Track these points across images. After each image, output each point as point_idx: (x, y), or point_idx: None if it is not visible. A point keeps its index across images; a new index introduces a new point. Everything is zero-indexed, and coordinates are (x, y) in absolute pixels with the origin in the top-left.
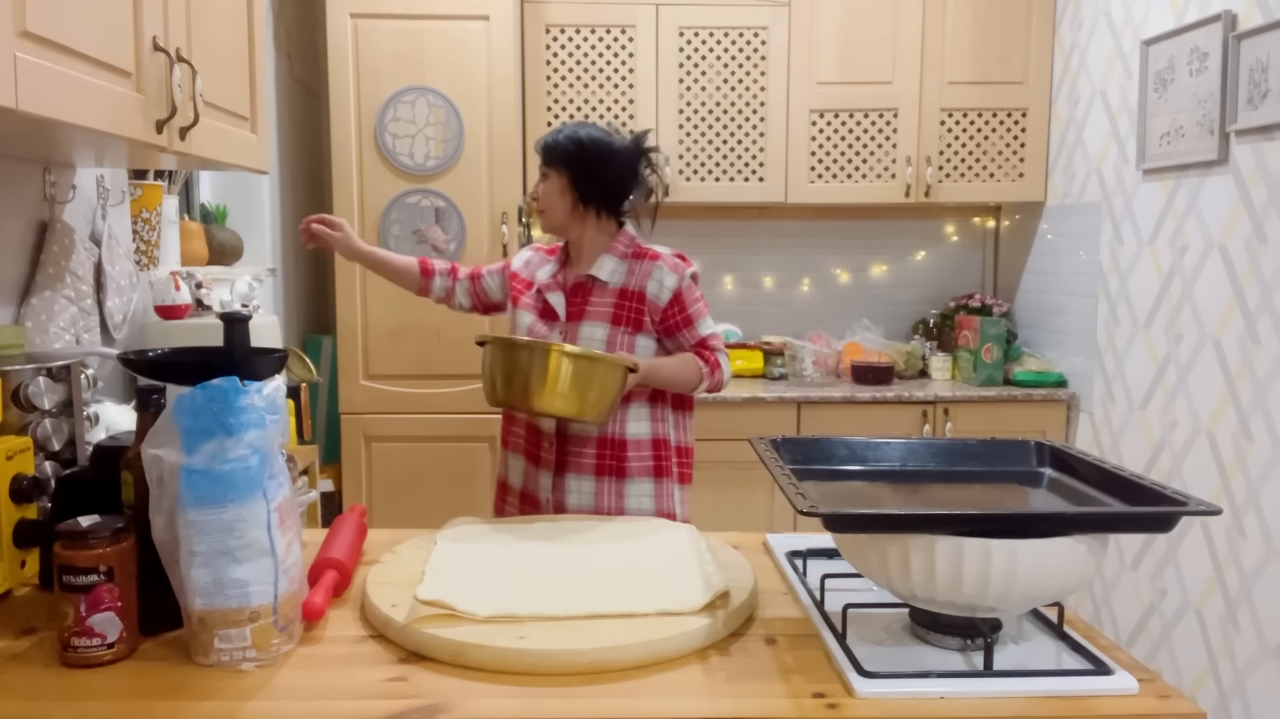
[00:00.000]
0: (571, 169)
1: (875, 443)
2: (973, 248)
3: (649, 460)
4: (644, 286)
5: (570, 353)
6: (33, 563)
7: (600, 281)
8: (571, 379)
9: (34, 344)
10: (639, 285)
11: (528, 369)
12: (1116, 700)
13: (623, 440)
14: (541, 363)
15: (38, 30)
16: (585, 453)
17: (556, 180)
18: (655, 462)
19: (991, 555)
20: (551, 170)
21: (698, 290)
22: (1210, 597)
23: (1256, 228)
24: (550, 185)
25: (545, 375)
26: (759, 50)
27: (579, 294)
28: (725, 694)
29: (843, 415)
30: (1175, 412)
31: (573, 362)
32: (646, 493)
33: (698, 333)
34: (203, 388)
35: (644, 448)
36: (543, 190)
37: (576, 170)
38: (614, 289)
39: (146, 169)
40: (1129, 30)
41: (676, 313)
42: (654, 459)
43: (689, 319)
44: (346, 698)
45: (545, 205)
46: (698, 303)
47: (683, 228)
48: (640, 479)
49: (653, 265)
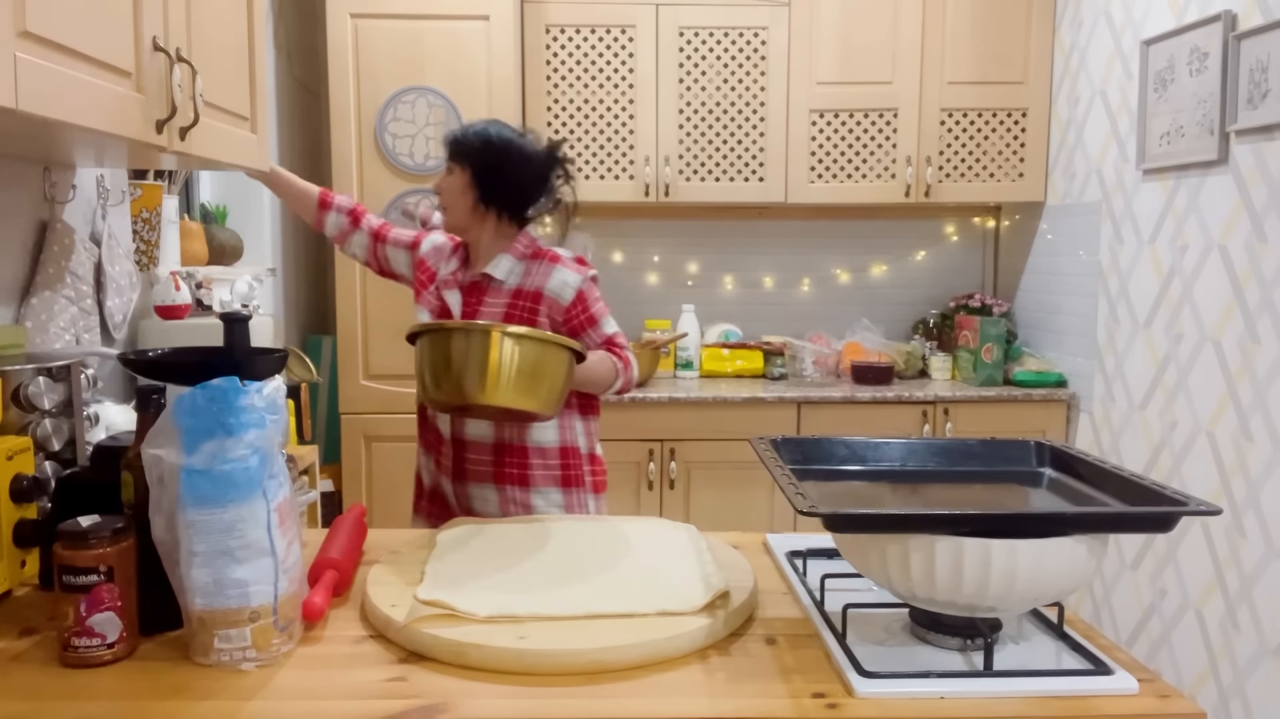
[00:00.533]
0: (475, 166)
1: (875, 443)
2: (973, 248)
3: (557, 469)
4: (542, 286)
5: (515, 334)
6: (33, 563)
7: (496, 281)
8: (518, 365)
9: (34, 344)
10: (536, 285)
11: (465, 357)
12: (1116, 700)
13: (524, 448)
14: (482, 348)
15: (38, 30)
16: (483, 460)
17: (460, 176)
18: (564, 470)
19: (991, 555)
20: (456, 165)
21: (598, 291)
22: (1210, 597)
23: (1256, 228)
24: (454, 180)
25: (486, 363)
26: (759, 50)
27: (474, 293)
28: (725, 694)
29: (843, 415)
30: (1175, 412)
31: (518, 343)
32: (556, 503)
33: (603, 331)
34: (203, 388)
35: (551, 456)
36: (445, 185)
37: (480, 168)
38: (509, 289)
39: (146, 169)
40: (1129, 30)
41: (580, 312)
42: (563, 468)
43: (593, 318)
44: (346, 698)
45: (447, 201)
46: (599, 302)
47: (683, 228)
48: (548, 489)
49: (552, 266)
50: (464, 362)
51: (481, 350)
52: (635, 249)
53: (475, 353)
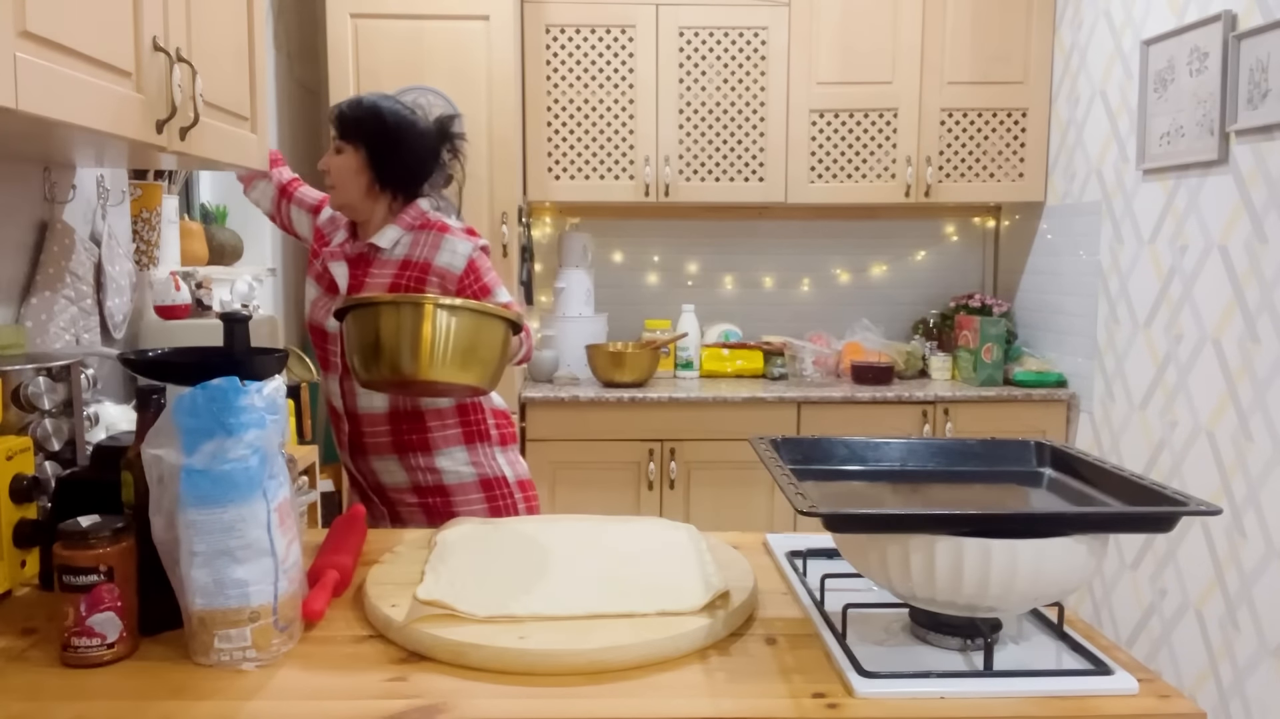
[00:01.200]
0: (371, 146)
1: (875, 443)
2: (973, 248)
3: (456, 428)
4: (430, 258)
5: (449, 305)
6: (33, 563)
7: (382, 251)
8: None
9: (34, 344)
10: (424, 256)
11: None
12: (1116, 700)
13: (419, 412)
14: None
15: (38, 30)
16: (379, 430)
17: (352, 156)
18: (465, 428)
19: (991, 555)
20: (347, 144)
21: (489, 261)
22: (1210, 597)
23: (1256, 228)
24: (345, 160)
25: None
26: (759, 50)
27: (360, 265)
28: (725, 694)
29: (843, 415)
30: (1175, 412)
31: (453, 315)
32: (463, 462)
33: (499, 300)
34: (203, 388)
35: (449, 416)
36: (335, 164)
37: (376, 149)
38: (396, 260)
39: (146, 169)
40: (1129, 30)
41: (473, 281)
42: (462, 425)
43: (486, 288)
44: (346, 698)
45: (337, 181)
46: (491, 272)
47: (683, 228)
48: (451, 449)
49: (441, 236)
50: (396, 337)
51: (414, 324)
52: (635, 249)
53: (407, 327)
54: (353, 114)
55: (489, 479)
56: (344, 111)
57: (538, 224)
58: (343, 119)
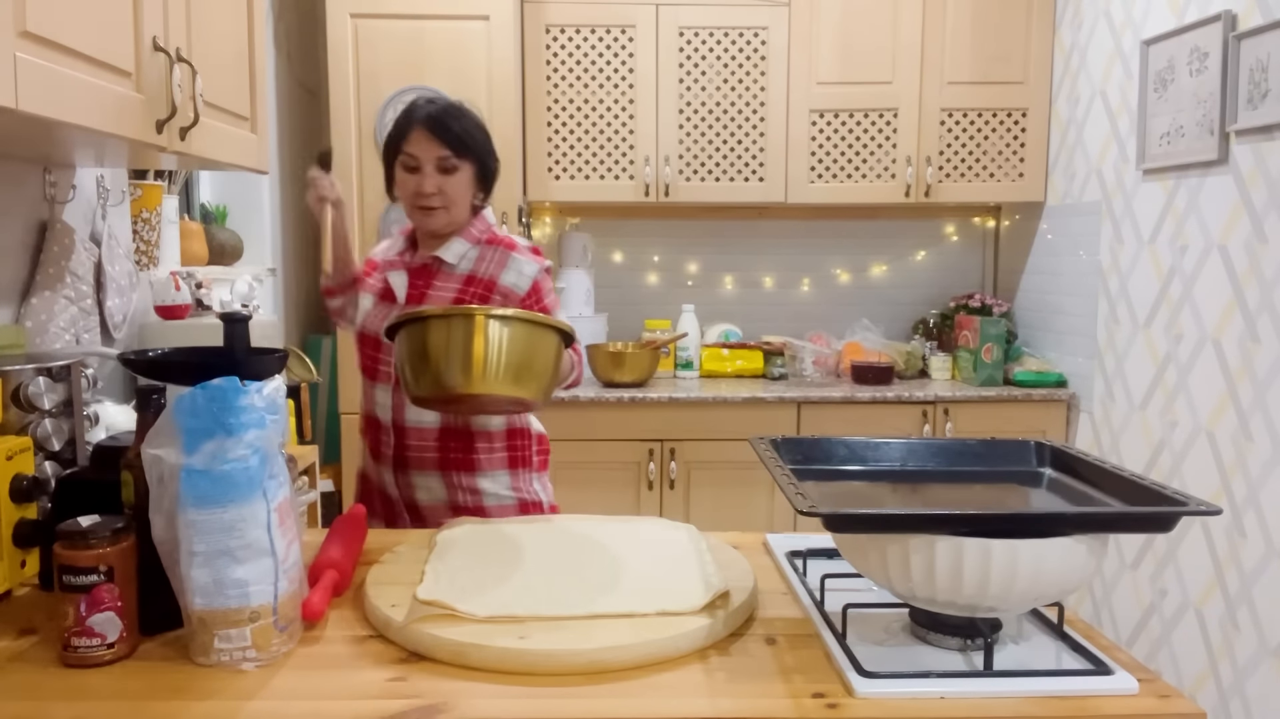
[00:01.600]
0: (480, 158)
1: (875, 443)
2: (973, 248)
3: (504, 452)
4: (496, 276)
5: (501, 316)
6: (33, 563)
7: (447, 265)
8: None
9: (34, 344)
10: (490, 274)
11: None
12: (1116, 700)
13: (469, 431)
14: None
15: (38, 30)
16: (426, 446)
17: (466, 172)
18: (511, 453)
19: (991, 555)
20: (462, 161)
21: (551, 282)
22: (1210, 597)
23: (1256, 228)
24: (460, 179)
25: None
26: (759, 50)
27: (422, 276)
28: (725, 694)
29: (843, 415)
30: (1175, 412)
31: (505, 326)
32: (506, 485)
33: None
34: (203, 388)
35: (498, 439)
36: (450, 185)
37: (484, 160)
38: (461, 275)
39: (146, 169)
40: (1129, 30)
41: (534, 302)
42: (509, 450)
43: (547, 309)
44: (346, 698)
45: (451, 201)
46: (552, 293)
47: (683, 228)
48: (495, 472)
49: (508, 254)
50: (445, 350)
51: (465, 337)
52: (635, 249)
53: (459, 341)
54: (460, 126)
55: (527, 503)
56: (448, 125)
57: (538, 224)
58: (449, 133)
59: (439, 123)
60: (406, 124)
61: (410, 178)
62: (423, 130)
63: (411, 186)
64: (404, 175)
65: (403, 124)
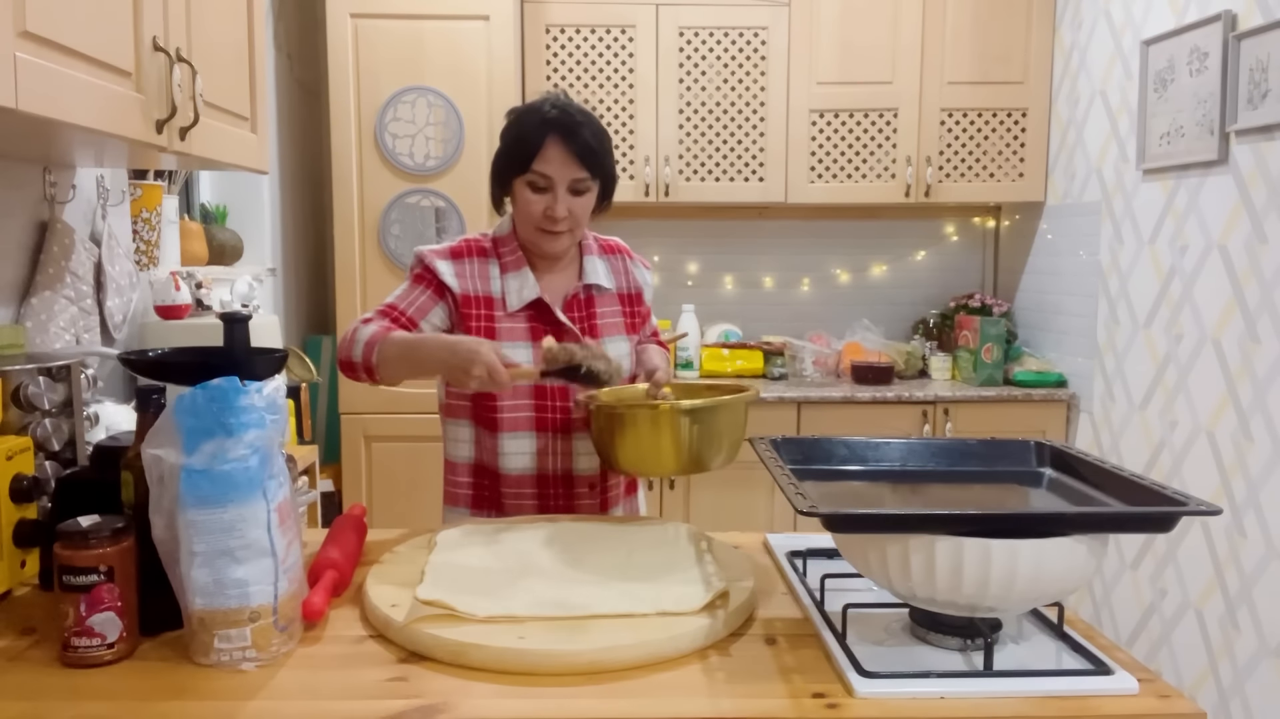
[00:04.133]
0: (608, 176)
1: (875, 443)
2: (973, 248)
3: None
4: (635, 289)
5: (693, 409)
6: (33, 563)
7: (604, 289)
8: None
9: (34, 344)
10: (632, 288)
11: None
12: (1116, 700)
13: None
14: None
15: (38, 30)
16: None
17: (594, 190)
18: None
19: (991, 555)
20: (596, 180)
21: None
22: (1210, 597)
23: (1256, 228)
24: (590, 199)
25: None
26: (759, 50)
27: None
28: (725, 694)
29: (843, 415)
30: (1175, 412)
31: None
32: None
33: (652, 323)
34: (203, 388)
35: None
36: (580, 206)
37: (611, 175)
38: (612, 293)
39: (146, 169)
40: (1129, 30)
41: (647, 308)
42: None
43: (648, 312)
44: (346, 698)
45: (580, 222)
46: None
47: (683, 228)
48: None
49: (631, 262)
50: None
51: (671, 431)
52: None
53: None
54: (598, 144)
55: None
56: (588, 144)
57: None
58: (590, 154)
59: (580, 142)
60: (539, 138)
61: (538, 198)
62: (560, 148)
63: (539, 208)
64: (530, 194)
65: (534, 137)
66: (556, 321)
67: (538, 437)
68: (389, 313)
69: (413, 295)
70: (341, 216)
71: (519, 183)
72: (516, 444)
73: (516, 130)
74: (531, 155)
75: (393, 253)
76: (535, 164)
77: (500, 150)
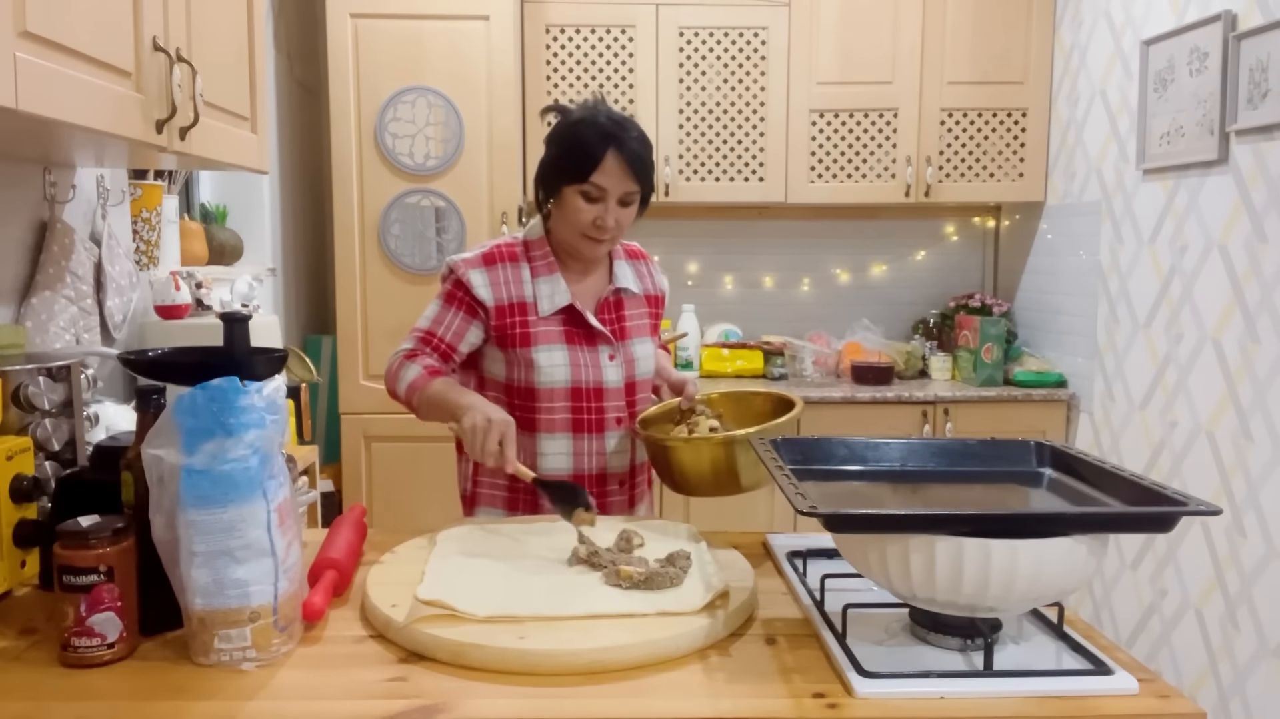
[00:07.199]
0: (650, 186)
1: (875, 443)
2: (973, 248)
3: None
4: (657, 291)
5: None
6: (33, 563)
7: (631, 293)
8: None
9: (34, 344)
10: (655, 290)
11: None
12: (1116, 700)
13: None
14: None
15: (38, 30)
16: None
17: (637, 201)
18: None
19: (991, 555)
20: (642, 189)
21: None
22: (1210, 597)
23: (1256, 228)
24: (634, 209)
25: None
26: (759, 50)
27: (610, 310)
28: (725, 694)
29: (843, 415)
30: (1175, 412)
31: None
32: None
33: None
34: (203, 388)
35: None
36: (626, 216)
37: (652, 186)
38: (638, 296)
39: (146, 169)
40: (1129, 30)
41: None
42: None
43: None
44: (346, 698)
45: (623, 230)
46: None
47: (683, 228)
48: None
49: (653, 267)
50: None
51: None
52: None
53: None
54: (645, 153)
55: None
56: (644, 160)
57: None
58: (645, 169)
59: (638, 158)
60: (599, 151)
61: (590, 208)
62: (619, 163)
63: (589, 217)
64: (582, 204)
65: (593, 150)
66: (588, 325)
67: (574, 438)
68: (428, 340)
69: (448, 319)
70: (341, 216)
71: (570, 190)
72: (554, 445)
73: (573, 139)
74: (591, 168)
75: (393, 253)
76: (595, 177)
77: (553, 157)
